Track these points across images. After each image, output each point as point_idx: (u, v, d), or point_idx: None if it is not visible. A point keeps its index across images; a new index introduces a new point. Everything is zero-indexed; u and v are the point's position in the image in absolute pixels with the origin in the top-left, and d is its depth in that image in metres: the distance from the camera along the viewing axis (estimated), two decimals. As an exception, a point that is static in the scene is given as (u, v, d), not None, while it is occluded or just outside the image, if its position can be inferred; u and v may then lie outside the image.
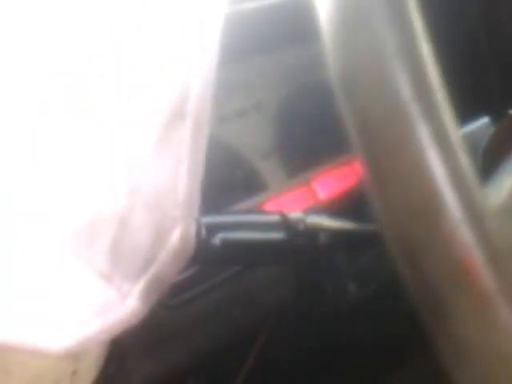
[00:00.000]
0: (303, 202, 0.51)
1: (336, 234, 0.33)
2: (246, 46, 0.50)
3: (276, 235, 0.32)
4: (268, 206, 0.50)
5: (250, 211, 0.42)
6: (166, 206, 0.29)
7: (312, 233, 0.32)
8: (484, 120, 0.47)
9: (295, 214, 0.33)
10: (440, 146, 0.20)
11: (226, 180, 0.52)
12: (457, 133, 0.21)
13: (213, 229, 0.31)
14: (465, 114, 0.50)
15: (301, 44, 0.54)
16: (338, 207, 0.51)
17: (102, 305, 0.30)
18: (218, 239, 0.31)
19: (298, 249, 0.32)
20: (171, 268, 0.29)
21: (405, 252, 0.21)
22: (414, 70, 0.21)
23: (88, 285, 0.32)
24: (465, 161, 0.21)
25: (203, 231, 0.31)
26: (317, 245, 0.32)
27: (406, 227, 0.21)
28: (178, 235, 0.28)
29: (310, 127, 0.55)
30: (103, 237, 0.32)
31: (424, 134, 0.20)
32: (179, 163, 0.29)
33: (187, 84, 0.30)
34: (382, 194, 0.21)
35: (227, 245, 0.31)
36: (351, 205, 0.49)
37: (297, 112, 0.55)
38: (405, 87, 0.21)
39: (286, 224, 0.32)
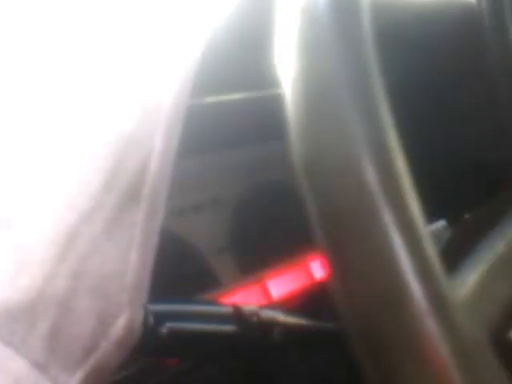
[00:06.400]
0: (256, 301, 0.50)
1: (291, 330, 0.32)
2: (206, 140, 0.51)
3: (227, 327, 0.31)
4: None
5: (201, 301, 0.40)
6: (112, 290, 0.28)
7: (266, 327, 0.31)
8: (441, 223, 0.48)
9: (249, 307, 0.32)
10: (406, 236, 0.20)
11: (177, 273, 0.50)
12: (423, 222, 0.21)
13: (161, 317, 0.30)
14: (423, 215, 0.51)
15: (260, 142, 0.55)
16: (290, 307, 0.50)
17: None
18: (165, 328, 0.29)
19: (250, 343, 0.31)
20: (113, 358, 0.27)
21: (368, 345, 0.20)
22: (380, 159, 0.21)
23: (19, 375, 0.29)
24: (432, 251, 0.21)
25: (150, 319, 0.29)
26: (270, 340, 0.31)
27: (370, 319, 0.20)
28: (123, 323, 0.27)
29: (265, 225, 0.55)
30: (42, 321, 0.30)
31: (390, 224, 0.20)
32: (130, 248, 0.28)
33: (144, 165, 0.30)
34: (346, 284, 0.21)
35: (175, 335, 0.29)
36: (304, 305, 0.48)
37: (253, 209, 0.55)
38: (371, 177, 0.20)
39: (238, 316, 0.31)
